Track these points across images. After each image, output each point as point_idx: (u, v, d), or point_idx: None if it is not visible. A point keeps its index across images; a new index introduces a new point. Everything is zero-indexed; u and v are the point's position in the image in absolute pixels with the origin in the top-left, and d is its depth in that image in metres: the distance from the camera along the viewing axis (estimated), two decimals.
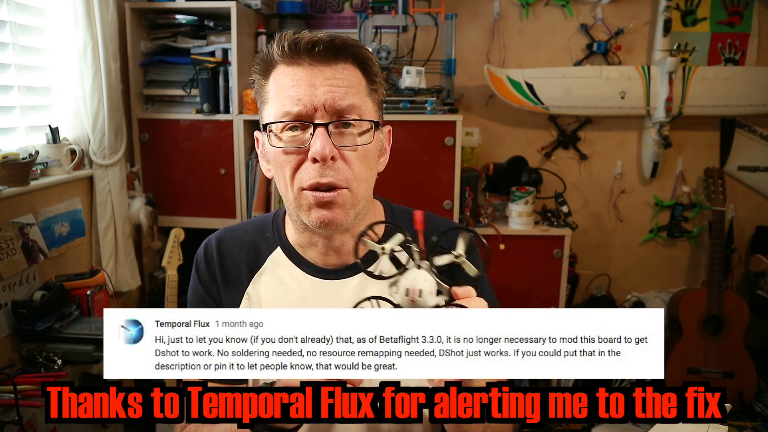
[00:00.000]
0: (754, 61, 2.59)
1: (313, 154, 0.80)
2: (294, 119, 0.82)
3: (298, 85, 0.81)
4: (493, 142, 2.72)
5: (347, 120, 0.82)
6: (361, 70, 0.86)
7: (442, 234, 0.65)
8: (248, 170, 2.25)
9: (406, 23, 2.29)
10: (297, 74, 0.82)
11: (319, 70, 0.82)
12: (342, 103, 0.81)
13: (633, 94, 2.53)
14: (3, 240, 1.55)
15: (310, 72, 0.82)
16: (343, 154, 0.82)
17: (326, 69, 0.82)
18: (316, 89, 0.81)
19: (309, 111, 0.81)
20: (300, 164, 0.83)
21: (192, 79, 2.21)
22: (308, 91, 0.81)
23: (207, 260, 0.98)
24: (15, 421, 1.37)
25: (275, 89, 0.84)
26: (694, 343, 2.44)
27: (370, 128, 0.85)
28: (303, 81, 0.81)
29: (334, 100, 0.81)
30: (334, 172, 0.81)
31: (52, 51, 1.89)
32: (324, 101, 0.80)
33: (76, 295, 1.78)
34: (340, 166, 0.82)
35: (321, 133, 0.80)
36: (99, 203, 2.02)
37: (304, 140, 0.82)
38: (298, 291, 0.93)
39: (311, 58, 0.82)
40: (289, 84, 0.82)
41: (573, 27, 2.61)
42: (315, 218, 0.83)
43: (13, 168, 1.61)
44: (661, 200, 2.74)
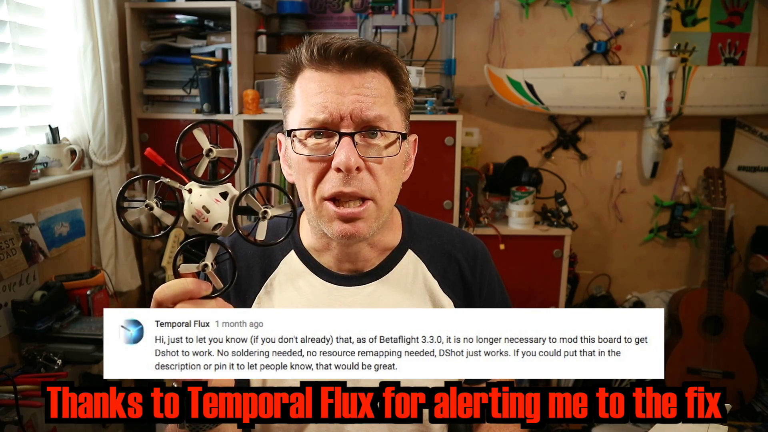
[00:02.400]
0: (754, 61, 2.59)
1: (337, 164, 0.77)
2: (319, 127, 0.79)
3: (326, 92, 0.79)
4: (493, 142, 2.72)
5: (373, 130, 0.80)
6: (390, 78, 0.84)
7: (243, 194, 0.68)
8: (248, 170, 2.25)
9: (406, 23, 2.29)
10: (325, 80, 0.80)
11: (347, 78, 0.80)
12: (369, 114, 0.79)
13: (633, 94, 2.53)
14: (3, 240, 1.55)
15: (339, 79, 0.79)
16: (368, 166, 0.80)
17: (355, 76, 0.80)
18: (344, 97, 0.79)
19: (335, 119, 0.78)
20: (323, 173, 0.81)
21: (192, 79, 2.20)
22: (335, 99, 0.78)
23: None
24: (15, 421, 1.37)
25: (301, 94, 0.82)
26: (694, 343, 2.44)
27: (397, 139, 0.83)
28: (330, 88, 0.79)
29: (361, 110, 0.78)
30: (358, 182, 0.79)
31: (52, 51, 1.89)
32: (351, 110, 0.78)
33: (76, 295, 1.78)
34: (365, 177, 0.80)
35: (347, 143, 0.78)
36: (99, 203, 2.02)
37: (329, 149, 0.79)
38: (312, 296, 0.92)
39: (340, 65, 0.79)
40: (316, 90, 0.80)
41: (573, 27, 2.61)
42: (337, 231, 0.82)
43: (13, 168, 1.61)
44: (661, 200, 2.74)
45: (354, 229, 0.81)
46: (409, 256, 0.94)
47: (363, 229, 0.82)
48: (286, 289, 0.93)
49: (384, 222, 0.87)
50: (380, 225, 0.85)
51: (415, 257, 0.94)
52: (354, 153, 0.78)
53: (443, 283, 0.93)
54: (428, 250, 0.95)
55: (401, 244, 0.94)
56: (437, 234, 0.97)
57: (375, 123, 0.80)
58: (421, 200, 2.16)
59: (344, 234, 0.81)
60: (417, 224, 0.98)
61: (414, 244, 0.95)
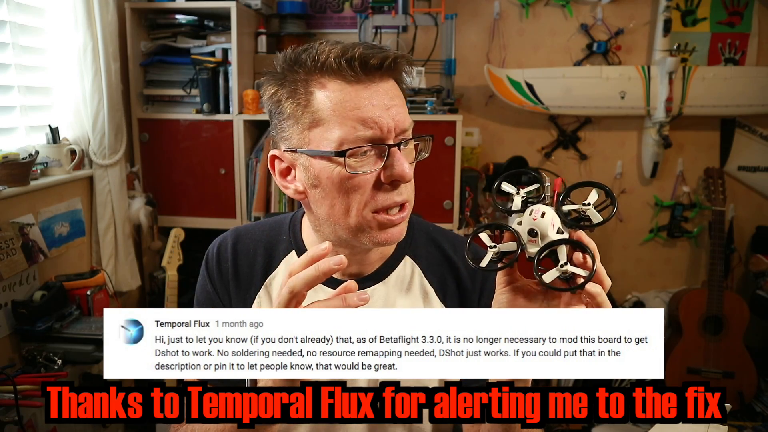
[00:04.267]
0: (754, 61, 2.59)
1: (397, 176, 0.78)
2: (368, 142, 0.78)
3: (367, 107, 0.77)
4: (493, 142, 2.72)
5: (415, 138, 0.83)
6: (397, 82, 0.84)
7: (573, 188, 0.65)
8: (248, 170, 2.25)
9: (406, 23, 2.29)
10: (360, 93, 0.78)
11: (377, 88, 0.79)
12: (405, 124, 0.81)
13: (633, 94, 2.53)
14: (3, 240, 1.55)
15: (373, 91, 0.79)
16: None
17: (382, 85, 0.80)
18: (386, 111, 0.78)
19: (383, 133, 0.78)
20: (373, 187, 0.80)
21: (192, 79, 2.20)
22: (380, 113, 0.78)
23: (219, 259, 0.96)
24: (15, 421, 1.37)
25: (333, 109, 0.78)
26: (694, 343, 2.44)
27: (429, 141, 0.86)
28: (370, 101, 0.78)
29: (402, 120, 0.80)
30: (405, 189, 0.82)
31: (52, 51, 1.89)
32: (396, 123, 0.79)
33: (76, 295, 1.78)
34: (408, 184, 0.83)
35: (399, 154, 0.79)
36: (99, 203, 2.02)
37: (376, 162, 0.79)
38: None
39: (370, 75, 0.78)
40: (355, 104, 0.77)
41: (573, 27, 2.61)
42: (382, 239, 0.82)
43: (13, 168, 1.61)
44: (661, 200, 2.74)
45: (399, 234, 0.83)
46: (406, 262, 0.94)
47: (403, 232, 0.84)
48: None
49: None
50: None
51: (412, 263, 0.94)
52: (407, 163, 0.80)
53: (439, 291, 0.93)
54: (426, 257, 0.95)
55: (398, 249, 0.94)
56: (437, 242, 0.97)
57: (408, 130, 0.82)
58: (421, 200, 2.14)
59: (390, 240, 0.83)
60: (418, 230, 0.97)
61: (411, 251, 0.95)
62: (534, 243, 0.60)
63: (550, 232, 0.60)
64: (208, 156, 2.25)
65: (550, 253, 0.60)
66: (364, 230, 0.82)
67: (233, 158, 2.23)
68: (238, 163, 2.23)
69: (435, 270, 0.94)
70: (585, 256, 0.60)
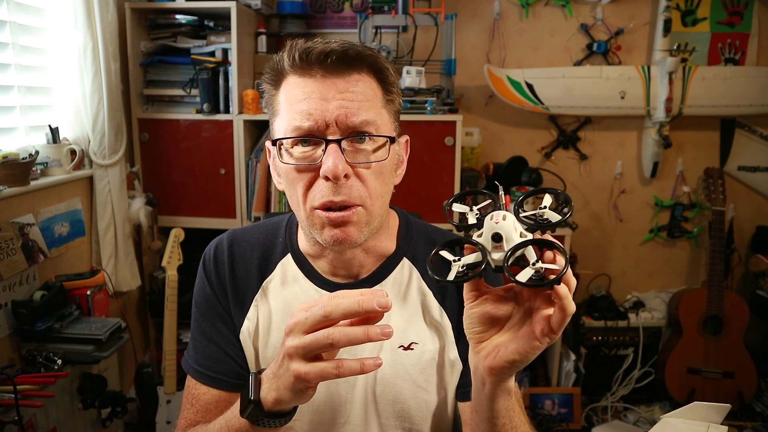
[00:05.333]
0: (754, 61, 2.59)
1: (325, 172, 0.76)
2: (305, 135, 0.77)
3: (310, 99, 0.77)
4: (493, 142, 2.72)
5: (361, 135, 0.78)
6: (377, 80, 0.82)
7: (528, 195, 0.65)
8: (248, 170, 2.25)
9: (406, 23, 2.29)
10: (308, 86, 0.78)
11: (331, 83, 0.77)
12: (355, 120, 0.77)
13: (633, 94, 2.53)
14: (3, 240, 1.55)
15: (323, 84, 0.77)
16: (357, 171, 0.79)
17: (339, 81, 0.78)
18: (329, 103, 0.76)
19: (321, 126, 0.76)
20: (312, 181, 0.79)
21: (192, 79, 2.20)
22: (320, 105, 0.76)
23: (216, 261, 0.95)
24: (15, 421, 1.37)
25: (286, 101, 0.80)
26: (694, 343, 2.44)
27: (386, 143, 0.81)
28: (315, 94, 0.77)
29: (347, 115, 0.76)
30: (347, 189, 0.78)
31: (52, 51, 1.89)
32: (337, 116, 0.76)
33: (76, 295, 1.78)
34: (354, 184, 0.78)
35: (333, 150, 0.76)
36: (99, 203, 2.02)
37: (316, 157, 0.78)
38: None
39: (324, 69, 0.77)
40: (300, 97, 0.78)
41: (573, 27, 2.61)
42: (328, 237, 0.80)
43: (13, 168, 1.61)
44: (661, 200, 2.74)
45: (344, 234, 0.79)
46: (404, 264, 0.93)
47: (353, 234, 0.80)
48: (280, 293, 0.93)
49: (377, 227, 0.85)
50: (372, 230, 0.83)
51: (410, 265, 0.93)
52: (341, 160, 0.76)
53: (438, 293, 0.92)
54: (425, 258, 0.93)
55: (396, 252, 0.93)
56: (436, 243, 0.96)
57: (362, 128, 0.78)
58: (421, 200, 2.16)
59: (335, 239, 0.80)
60: (416, 231, 0.96)
61: (410, 252, 0.94)
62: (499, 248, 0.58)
63: (513, 236, 0.58)
64: (208, 156, 2.25)
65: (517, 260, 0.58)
66: (312, 226, 0.82)
67: (233, 158, 2.23)
68: (238, 163, 2.23)
69: None
70: (555, 253, 0.58)
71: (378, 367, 0.61)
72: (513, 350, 0.60)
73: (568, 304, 0.56)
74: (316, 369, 0.61)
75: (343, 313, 0.60)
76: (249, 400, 0.68)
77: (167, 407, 2.11)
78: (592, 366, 2.57)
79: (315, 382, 0.63)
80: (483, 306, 0.63)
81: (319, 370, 0.61)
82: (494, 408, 0.68)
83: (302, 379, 0.62)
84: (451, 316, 0.92)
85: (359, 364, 0.60)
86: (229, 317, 0.94)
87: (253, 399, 0.68)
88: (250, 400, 0.68)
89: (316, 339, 0.61)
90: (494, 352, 0.62)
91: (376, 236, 0.88)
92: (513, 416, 0.71)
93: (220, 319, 0.94)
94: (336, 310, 0.60)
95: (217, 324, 0.94)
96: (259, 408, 0.68)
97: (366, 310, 0.60)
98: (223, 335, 0.93)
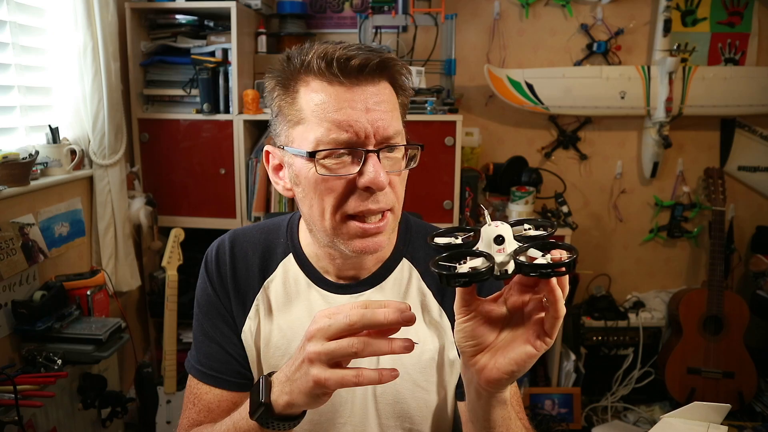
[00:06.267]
0: (754, 61, 2.59)
1: (370, 183, 0.75)
2: (344, 146, 0.76)
3: (345, 109, 0.75)
4: (493, 142, 2.72)
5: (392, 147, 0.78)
6: (392, 84, 0.82)
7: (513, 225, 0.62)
8: (248, 170, 2.25)
9: (406, 23, 2.29)
10: (340, 95, 0.76)
11: (362, 91, 0.76)
12: (390, 130, 0.77)
13: (633, 94, 2.53)
14: (3, 240, 1.55)
15: (354, 93, 0.76)
16: (390, 180, 0.79)
17: (369, 89, 0.77)
18: (366, 114, 0.75)
19: (360, 137, 0.75)
20: (346, 191, 0.78)
21: (192, 79, 2.21)
22: (358, 116, 0.75)
23: (218, 262, 0.96)
24: (15, 421, 1.37)
25: (313, 110, 0.77)
26: (694, 343, 2.44)
27: (417, 152, 0.82)
28: (349, 104, 0.75)
29: (384, 127, 0.76)
30: (383, 197, 0.78)
31: (52, 51, 1.89)
32: (376, 128, 0.76)
33: (76, 295, 1.78)
34: (388, 192, 0.79)
35: (375, 161, 0.76)
36: (99, 203, 2.02)
37: (352, 167, 0.77)
38: (306, 302, 0.92)
39: (353, 77, 0.76)
40: (334, 106, 0.75)
41: (573, 27, 2.61)
42: (358, 247, 0.80)
43: (13, 168, 1.61)
44: (661, 200, 2.74)
45: (375, 245, 0.80)
46: (403, 264, 0.93)
47: (383, 242, 0.81)
48: (281, 294, 0.93)
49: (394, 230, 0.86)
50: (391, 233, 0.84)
51: (410, 265, 0.93)
52: (383, 170, 0.76)
53: (437, 293, 0.92)
54: (425, 259, 0.94)
55: (396, 252, 0.93)
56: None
57: (394, 138, 0.78)
58: (421, 200, 2.16)
59: (366, 250, 0.80)
60: (416, 232, 0.96)
61: (409, 253, 0.94)
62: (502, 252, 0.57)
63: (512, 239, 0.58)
64: (208, 156, 2.25)
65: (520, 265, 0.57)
66: (340, 236, 0.81)
67: (233, 158, 2.23)
68: (238, 163, 2.23)
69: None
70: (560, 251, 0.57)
71: (395, 378, 0.62)
72: (510, 360, 0.60)
73: (560, 307, 0.56)
74: (337, 376, 0.61)
75: (367, 325, 0.61)
76: (259, 403, 0.68)
77: (167, 407, 2.11)
78: (592, 366, 2.57)
79: (334, 388, 0.63)
80: (475, 320, 0.62)
81: (339, 377, 0.61)
82: (491, 419, 0.68)
83: (322, 384, 0.62)
84: (450, 316, 0.92)
85: (378, 375, 0.61)
86: (231, 317, 0.94)
87: (263, 401, 0.68)
88: (261, 403, 0.68)
89: (341, 347, 0.61)
90: (490, 364, 0.61)
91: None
92: (510, 424, 0.71)
93: (222, 319, 0.94)
94: (361, 320, 0.61)
95: (219, 324, 0.94)
96: (269, 411, 0.68)
97: (390, 323, 0.60)
98: (224, 335, 0.93)
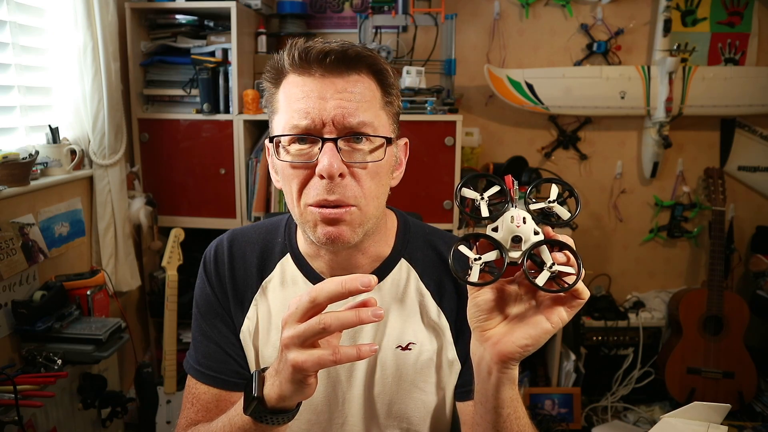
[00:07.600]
0: (754, 61, 2.59)
1: (320, 171, 0.76)
2: (302, 133, 0.78)
3: (308, 98, 0.78)
4: (493, 142, 2.72)
5: (357, 135, 0.79)
6: (376, 81, 0.82)
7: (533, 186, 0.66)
8: (248, 170, 2.25)
9: (406, 23, 2.29)
10: (307, 85, 0.79)
11: (330, 82, 0.78)
12: (352, 120, 0.77)
13: (633, 94, 2.53)
14: (3, 240, 1.55)
15: (321, 84, 0.78)
16: (352, 171, 0.79)
17: (338, 81, 0.78)
18: (326, 102, 0.77)
19: (318, 125, 0.77)
20: (307, 179, 0.79)
21: (192, 79, 2.21)
22: (318, 104, 0.77)
23: (217, 262, 0.96)
24: (15, 421, 1.37)
25: (285, 100, 0.81)
26: (694, 343, 2.44)
27: (383, 145, 0.81)
28: (313, 93, 0.78)
29: (344, 115, 0.77)
30: (342, 189, 0.78)
31: (52, 51, 1.89)
32: (334, 116, 0.77)
33: (76, 295, 1.78)
34: (349, 184, 0.78)
35: (329, 148, 0.76)
36: (99, 203, 2.02)
37: (312, 155, 0.78)
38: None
39: (323, 69, 0.78)
40: (299, 95, 0.79)
41: (573, 27, 2.61)
42: (321, 234, 0.80)
43: (13, 168, 1.61)
44: (661, 200, 2.74)
45: (337, 232, 0.79)
46: (401, 265, 0.93)
47: (346, 234, 0.80)
48: (279, 293, 0.93)
49: (372, 228, 0.85)
50: (366, 231, 0.83)
51: (408, 266, 0.93)
52: (337, 159, 0.76)
53: (436, 294, 0.92)
54: (423, 260, 0.93)
55: (394, 253, 0.93)
56: (433, 245, 0.95)
57: (359, 128, 0.78)
58: (421, 200, 2.16)
59: (328, 237, 0.80)
60: (414, 232, 0.96)
61: (408, 254, 0.94)
62: (517, 248, 0.60)
63: (532, 237, 0.60)
64: (208, 156, 2.25)
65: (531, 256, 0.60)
66: (306, 224, 0.82)
67: (233, 158, 2.23)
68: (238, 163, 2.23)
69: (431, 273, 0.93)
70: (568, 255, 0.60)
71: (374, 352, 0.62)
72: (524, 335, 0.60)
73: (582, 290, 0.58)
74: (313, 357, 0.62)
75: (328, 296, 0.61)
76: (252, 397, 0.69)
77: (167, 407, 2.11)
78: (592, 366, 2.57)
79: (313, 370, 0.63)
80: (488, 293, 0.63)
81: (316, 357, 0.62)
82: (500, 398, 0.67)
83: (300, 368, 0.62)
84: (449, 316, 0.92)
85: (355, 350, 0.61)
86: (230, 317, 0.94)
87: (256, 396, 0.68)
88: (254, 397, 0.69)
89: (309, 326, 0.61)
90: (504, 338, 0.62)
91: (372, 237, 0.88)
92: (517, 406, 0.70)
93: (220, 319, 0.94)
94: (321, 294, 0.62)
95: (217, 324, 0.94)
96: (263, 405, 0.68)
97: (349, 290, 0.60)
98: (223, 335, 0.93)
